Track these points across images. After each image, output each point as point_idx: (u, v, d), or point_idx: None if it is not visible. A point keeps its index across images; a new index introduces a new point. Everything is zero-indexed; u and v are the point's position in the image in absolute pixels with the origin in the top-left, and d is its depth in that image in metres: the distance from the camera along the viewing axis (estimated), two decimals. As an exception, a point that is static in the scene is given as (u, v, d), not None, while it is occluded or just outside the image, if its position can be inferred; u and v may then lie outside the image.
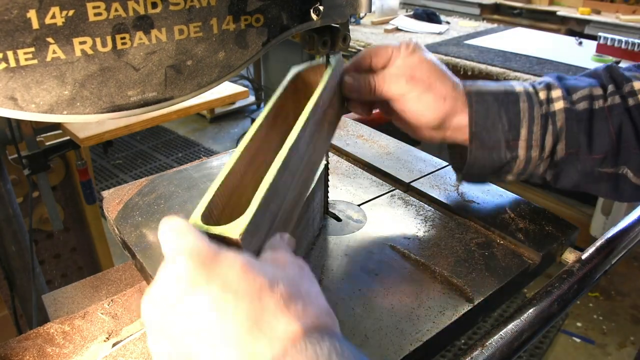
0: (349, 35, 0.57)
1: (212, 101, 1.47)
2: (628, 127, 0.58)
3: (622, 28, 2.90)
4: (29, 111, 0.38)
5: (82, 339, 0.55)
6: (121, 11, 0.40)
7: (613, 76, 0.61)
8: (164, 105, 0.45)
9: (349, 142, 0.89)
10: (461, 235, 0.64)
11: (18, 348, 0.53)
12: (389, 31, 2.62)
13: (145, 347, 0.53)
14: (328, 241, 0.64)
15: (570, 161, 0.60)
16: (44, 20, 0.36)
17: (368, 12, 0.58)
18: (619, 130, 0.58)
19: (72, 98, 0.40)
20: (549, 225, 0.67)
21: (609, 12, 3.14)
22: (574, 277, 0.59)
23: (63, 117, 0.40)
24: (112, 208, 0.68)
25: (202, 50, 0.45)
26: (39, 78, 0.38)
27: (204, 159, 0.83)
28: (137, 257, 0.59)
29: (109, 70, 0.41)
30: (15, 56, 0.36)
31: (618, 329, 2.06)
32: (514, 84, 0.62)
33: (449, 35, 2.56)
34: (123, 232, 0.63)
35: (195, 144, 3.69)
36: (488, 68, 2.02)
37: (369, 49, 0.62)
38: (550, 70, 1.96)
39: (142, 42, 0.41)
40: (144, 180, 0.75)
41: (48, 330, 0.55)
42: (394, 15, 2.84)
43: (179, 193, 0.72)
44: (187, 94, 0.46)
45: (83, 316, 0.57)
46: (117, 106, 0.42)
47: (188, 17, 0.43)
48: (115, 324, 0.57)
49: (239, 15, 0.46)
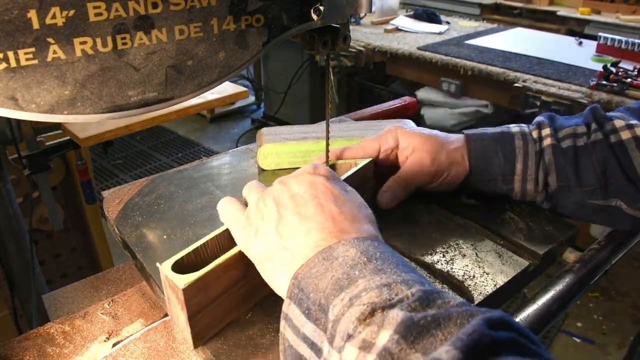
0: (349, 36, 0.57)
1: (212, 101, 1.47)
2: (612, 162, 0.62)
3: (622, 28, 2.90)
4: (29, 111, 0.38)
5: (82, 339, 0.55)
6: (122, 11, 0.40)
7: (596, 116, 0.66)
8: (165, 105, 0.45)
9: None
10: (461, 235, 0.64)
11: (18, 348, 0.53)
12: (389, 31, 2.62)
13: (145, 347, 0.53)
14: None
15: (564, 193, 0.65)
16: (45, 20, 0.36)
17: (368, 12, 0.58)
18: (604, 164, 0.62)
19: (72, 98, 0.40)
20: (549, 225, 0.67)
21: (609, 12, 3.14)
22: (574, 277, 0.59)
23: (63, 117, 0.40)
24: (112, 208, 0.68)
25: (203, 50, 0.45)
26: (39, 78, 0.38)
27: (204, 159, 0.83)
28: (137, 257, 0.59)
29: (109, 71, 0.41)
30: (15, 56, 0.36)
31: (618, 329, 2.06)
32: (511, 126, 0.69)
33: (449, 35, 2.56)
34: (123, 232, 0.63)
35: (195, 144, 3.69)
36: (488, 68, 2.02)
37: (363, 159, 0.68)
38: (550, 70, 1.96)
39: (142, 42, 0.41)
40: (144, 180, 0.75)
41: (48, 330, 0.55)
42: (394, 15, 2.84)
43: (179, 193, 0.72)
44: (187, 94, 0.46)
45: (83, 316, 0.57)
46: (118, 106, 0.42)
47: (188, 17, 0.43)
48: (115, 324, 0.57)
49: (240, 16, 0.46)
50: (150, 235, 0.62)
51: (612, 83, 1.74)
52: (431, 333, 0.32)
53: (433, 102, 2.35)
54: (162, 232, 0.63)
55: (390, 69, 2.45)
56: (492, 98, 2.16)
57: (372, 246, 0.42)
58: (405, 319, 0.33)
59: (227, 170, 0.79)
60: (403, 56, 2.30)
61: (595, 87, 1.76)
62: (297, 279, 0.41)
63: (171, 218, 0.66)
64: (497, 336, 0.31)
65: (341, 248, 0.41)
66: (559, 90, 1.81)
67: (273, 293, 0.46)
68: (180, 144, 3.69)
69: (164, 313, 0.58)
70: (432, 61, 2.19)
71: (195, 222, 0.65)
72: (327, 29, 0.55)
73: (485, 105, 2.23)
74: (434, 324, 0.32)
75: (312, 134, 0.80)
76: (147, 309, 0.59)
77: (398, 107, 1.08)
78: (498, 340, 0.31)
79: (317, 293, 0.39)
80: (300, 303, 0.40)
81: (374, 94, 2.86)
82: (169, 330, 0.55)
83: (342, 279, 0.38)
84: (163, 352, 0.52)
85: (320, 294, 0.38)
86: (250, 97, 4.01)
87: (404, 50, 2.29)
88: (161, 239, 0.62)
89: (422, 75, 2.35)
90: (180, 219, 0.65)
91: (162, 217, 0.66)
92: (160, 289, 0.54)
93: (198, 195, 0.71)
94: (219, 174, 0.77)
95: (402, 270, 0.39)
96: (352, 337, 0.34)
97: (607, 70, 1.79)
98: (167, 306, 0.51)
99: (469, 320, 0.32)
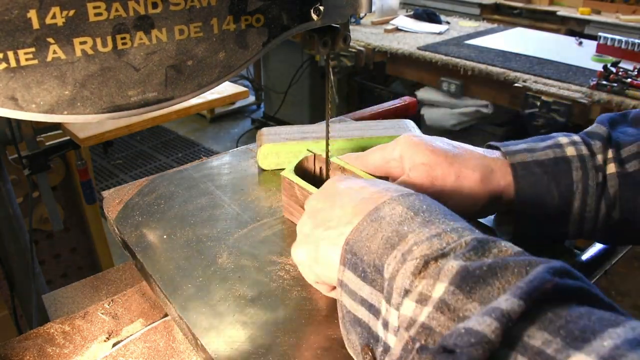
0: (349, 36, 0.57)
1: (212, 101, 1.47)
2: None
3: (622, 28, 2.90)
4: (29, 111, 0.38)
5: (82, 339, 0.55)
6: (122, 11, 0.40)
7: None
8: (165, 106, 0.45)
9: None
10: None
11: (18, 348, 0.53)
12: (389, 31, 2.62)
13: (145, 347, 0.53)
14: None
15: (627, 225, 0.54)
16: (45, 20, 0.36)
17: (368, 12, 0.58)
18: None
19: (72, 98, 0.40)
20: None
21: (609, 12, 3.14)
22: (574, 277, 0.59)
23: (63, 117, 0.40)
24: (112, 208, 0.68)
25: (203, 50, 0.45)
26: (39, 78, 0.38)
27: (204, 159, 0.83)
28: (137, 257, 0.59)
29: (109, 70, 0.41)
30: (15, 56, 0.36)
31: (618, 329, 2.05)
32: (563, 142, 0.54)
33: (449, 35, 2.56)
34: (123, 232, 0.64)
35: (195, 144, 3.69)
36: (488, 68, 2.02)
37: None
38: (550, 70, 1.96)
39: (142, 42, 0.41)
40: (144, 180, 0.75)
41: (48, 330, 0.55)
42: (394, 15, 2.84)
43: (179, 193, 0.72)
44: (187, 94, 0.46)
45: (83, 316, 0.57)
46: (118, 106, 0.42)
47: (188, 17, 0.43)
48: (115, 324, 0.57)
49: (240, 16, 0.46)
50: (150, 235, 0.62)
51: (612, 83, 1.74)
52: (487, 282, 0.30)
53: (433, 102, 2.35)
54: (162, 232, 0.63)
55: (390, 69, 2.45)
56: (492, 98, 2.16)
57: (418, 200, 0.41)
58: (461, 269, 0.32)
59: (227, 170, 0.79)
60: (403, 56, 2.30)
61: (596, 87, 1.76)
62: (348, 245, 0.41)
63: (171, 218, 0.66)
64: (563, 283, 0.29)
65: (387, 207, 0.41)
66: (559, 90, 1.81)
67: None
68: (180, 144, 3.69)
69: (164, 313, 0.58)
70: (432, 61, 2.19)
71: (195, 222, 0.65)
72: (327, 29, 0.55)
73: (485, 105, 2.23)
74: (490, 273, 0.31)
75: (312, 134, 0.80)
76: (147, 309, 0.59)
77: (398, 107, 1.08)
78: (564, 288, 0.29)
79: (370, 255, 0.38)
80: (355, 267, 0.39)
81: (374, 94, 2.86)
82: (169, 330, 0.55)
83: (392, 237, 0.38)
84: (163, 352, 0.52)
85: (373, 255, 0.38)
86: (250, 97, 4.01)
87: (404, 50, 2.29)
88: (161, 238, 0.62)
89: (422, 75, 2.35)
90: (180, 219, 0.65)
91: (162, 217, 0.66)
92: (160, 288, 0.54)
93: (198, 195, 0.71)
94: (219, 174, 0.77)
95: (451, 219, 0.39)
96: (409, 292, 0.34)
97: (607, 70, 1.79)
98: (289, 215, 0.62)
99: (528, 270, 0.30)
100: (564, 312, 0.28)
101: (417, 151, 0.55)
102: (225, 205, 0.68)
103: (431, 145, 0.56)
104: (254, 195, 0.71)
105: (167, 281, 0.55)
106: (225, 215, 0.66)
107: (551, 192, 0.52)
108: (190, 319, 0.50)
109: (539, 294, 0.28)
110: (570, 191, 0.52)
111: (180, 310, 0.51)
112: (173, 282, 0.54)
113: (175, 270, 0.56)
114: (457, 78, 2.17)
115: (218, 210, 0.67)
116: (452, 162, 0.54)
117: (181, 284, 0.54)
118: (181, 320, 0.50)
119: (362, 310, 0.39)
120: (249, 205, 0.68)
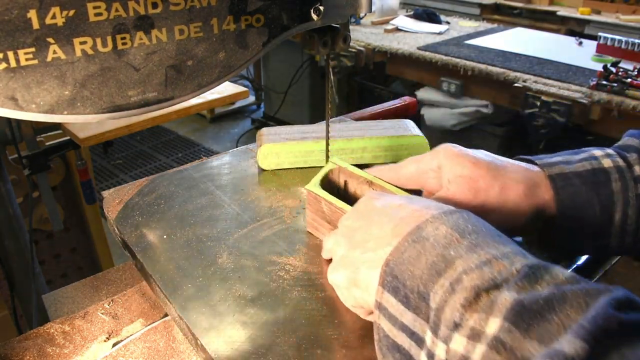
0: (349, 36, 0.57)
1: (212, 101, 1.47)
2: None
3: (622, 28, 2.90)
4: (29, 111, 0.38)
5: (82, 339, 0.55)
6: (122, 11, 0.40)
7: None
8: (165, 105, 0.45)
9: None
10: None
11: (18, 348, 0.53)
12: (389, 31, 2.62)
13: (145, 347, 0.53)
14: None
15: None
16: (45, 20, 0.37)
17: (368, 12, 0.58)
18: None
19: (72, 98, 0.40)
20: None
21: (609, 12, 3.14)
22: (574, 277, 0.58)
23: (63, 117, 0.40)
24: (112, 208, 0.68)
25: (203, 50, 0.45)
26: (39, 78, 0.38)
27: (204, 159, 0.83)
28: (137, 257, 0.59)
29: (109, 71, 0.41)
30: (15, 56, 0.36)
31: (618, 329, 2.05)
32: (598, 154, 0.53)
33: (449, 35, 2.56)
34: (123, 232, 0.64)
35: (195, 144, 3.69)
36: (488, 68, 2.02)
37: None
38: (550, 70, 1.96)
39: (142, 42, 0.42)
40: (144, 180, 0.75)
41: (48, 330, 0.55)
42: (394, 15, 2.84)
43: (179, 193, 0.72)
44: (187, 94, 0.46)
45: (83, 316, 0.57)
46: (118, 106, 0.42)
47: (188, 17, 0.43)
48: (115, 324, 0.57)
49: (240, 16, 0.46)
50: (150, 235, 0.62)
51: (612, 83, 1.74)
52: (545, 318, 0.28)
53: (433, 102, 2.35)
54: (162, 232, 0.63)
55: (390, 69, 2.46)
56: (492, 98, 2.16)
57: (462, 218, 0.39)
58: (515, 303, 0.30)
59: (227, 170, 0.79)
60: (403, 56, 2.30)
61: (595, 87, 1.76)
62: (388, 266, 0.39)
63: (171, 218, 0.66)
64: (628, 319, 0.27)
65: (429, 227, 0.39)
66: (559, 90, 1.81)
67: None
68: (180, 144, 3.69)
69: (163, 313, 0.58)
70: (432, 61, 2.19)
71: (195, 222, 0.65)
72: (327, 29, 0.55)
73: (485, 105, 2.23)
74: (547, 307, 0.29)
75: (312, 134, 0.80)
76: (147, 309, 0.59)
77: (398, 107, 1.08)
78: (628, 324, 0.26)
79: (413, 280, 0.36)
80: (396, 291, 0.38)
81: (374, 94, 2.86)
82: (169, 330, 0.55)
83: (438, 262, 0.36)
84: (163, 352, 0.52)
85: (417, 281, 0.36)
86: (250, 97, 4.01)
87: (404, 50, 2.29)
88: (161, 239, 0.62)
89: (422, 75, 2.35)
90: (180, 219, 0.65)
91: (162, 217, 0.66)
92: (160, 288, 0.54)
93: (198, 195, 0.71)
94: (219, 174, 0.77)
95: (499, 242, 0.37)
96: (459, 325, 0.32)
97: (607, 70, 1.79)
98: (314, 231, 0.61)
99: (587, 302, 0.28)
100: (629, 351, 0.26)
101: (458, 162, 0.52)
102: (225, 205, 0.68)
103: (473, 157, 0.53)
104: (254, 195, 0.71)
105: (167, 281, 0.55)
106: (225, 215, 0.66)
107: (592, 204, 0.51)
108: (190, 319, 0.50)
109: (603, 335, 0.26)
110: (611, 202, 0.51)
111: (180, 310, 0.51)
112: (173, 282, 0.54)
113: (175, 270, 0.56)
114: (457, 78, 2.17)
115: (218, 210, 0.67)
116: (496, 174, 0.51)
117: (181, 284, 0.54)
118: (181, 320, 0.50)
119: (403, 337, 0.37)
120: (249, 205, 0.68)
